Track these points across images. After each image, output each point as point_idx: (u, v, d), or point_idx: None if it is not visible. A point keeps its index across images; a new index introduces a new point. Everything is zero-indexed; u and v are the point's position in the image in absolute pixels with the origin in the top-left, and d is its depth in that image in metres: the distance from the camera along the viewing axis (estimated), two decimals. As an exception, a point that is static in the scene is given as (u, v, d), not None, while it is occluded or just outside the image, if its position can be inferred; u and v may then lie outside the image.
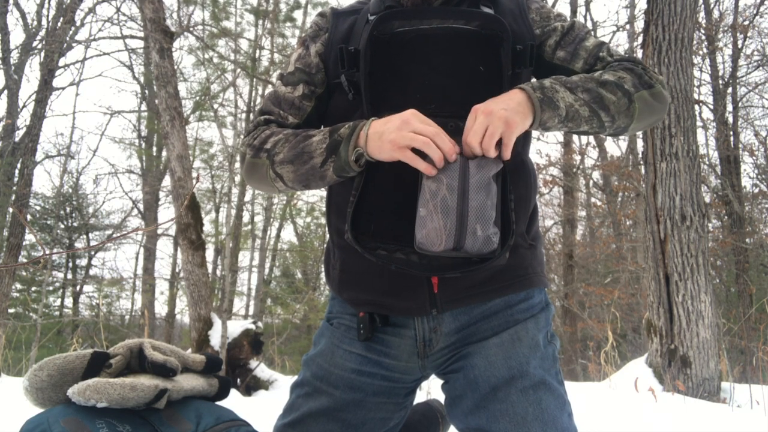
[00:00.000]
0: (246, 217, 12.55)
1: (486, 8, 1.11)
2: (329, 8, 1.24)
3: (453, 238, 0.94)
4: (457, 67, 1.06)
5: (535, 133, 1.29)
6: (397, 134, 0.96)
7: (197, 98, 10.87)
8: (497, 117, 0.96)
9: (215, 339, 4.58)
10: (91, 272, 16.03)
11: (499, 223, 0.99)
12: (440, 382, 1.17)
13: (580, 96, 1.04)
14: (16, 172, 10.31)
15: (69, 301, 15.62)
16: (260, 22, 11.09)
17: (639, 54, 10.53)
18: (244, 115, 11.04)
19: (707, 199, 10.99)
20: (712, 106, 11.48)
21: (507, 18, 1.10)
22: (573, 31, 1.17)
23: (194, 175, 5.61)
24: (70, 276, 15.58)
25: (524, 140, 1.17)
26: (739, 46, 11.26)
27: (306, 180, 1.08)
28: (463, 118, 1.01)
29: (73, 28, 11.24)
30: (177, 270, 13.80)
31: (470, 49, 1.05)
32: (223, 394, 1.16)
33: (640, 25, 10.53)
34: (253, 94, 11.49)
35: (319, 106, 1.19)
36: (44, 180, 33.08)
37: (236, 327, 4.73)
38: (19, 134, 10.50)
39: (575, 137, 12.70)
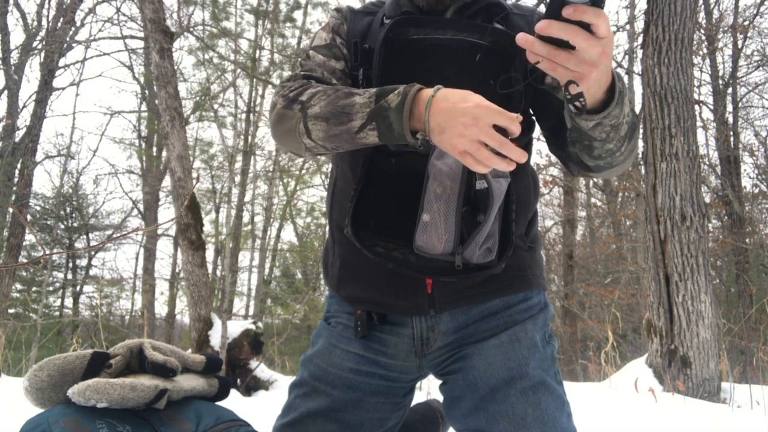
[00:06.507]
0: (246, 218, 12.55)
1: (498, 25, 1.11)
2: (346, 6, 1.24)
3: (453, 243, 0.95)
4: (467, 78, 1.04)
5: (535, 134, 1.28)
6: (459, 141, 0.84)
7: (197, 98, 10.87)
8: (604, 72, 0.81)
9: (215, 339, 4.58)
10: (91, 272, 16.03)
11: (497, 235, 1.00)
12: (439, 382, 1.17)
13: (629, 112, 0.94)
14: (16, 172, 10.30)
15: (69, 302, 15.62)
16: (260, 22, 11.08)
17: (639, 54, 10.51)
18: (244, 116, 11.04)
19: (707, 200, 10.99)
20: (712, 107, 11.48)
21: None
22: None
23: (194, 175, 5.61)
24: (70, 276, 15.58)
25: (525, 148, 1.17)
26: (739, 46, 11.27)
27: (337, 141, 0.99)
28: None
29: (73, 29, 11.23)
30: (177, 270, 13.79)
31: (482, 63, 1.05)
32: (223, 394, 1.16)
33: (640, 25, 10.52)
34: (253, 94, 11.48)
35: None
36: (44, 180, 33.11)
37: (236, 327, 4.73)
38: (19, 134, 10.50)
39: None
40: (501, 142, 0.82)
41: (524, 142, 1.15)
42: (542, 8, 1.17)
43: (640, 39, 5.25)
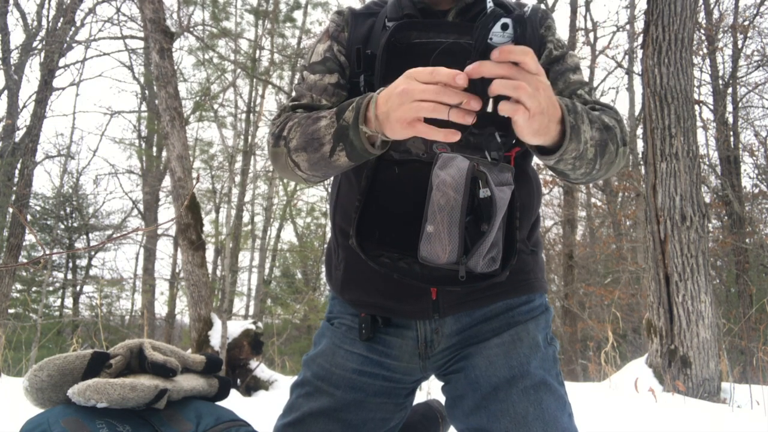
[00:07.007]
0: (246, 218, 12.56)
1: None
2: (347, 8, 1.23)
3: (456, 254, 0.95)
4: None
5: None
6: (402, 111, 0.82)
7: (197, 98, 10.88)
8: (548, 104, 0.81)
9: (215, 339, 4.58)
10: (91, 272, 16.03)
11: (501, 243, 1.01)
12: (440, 383, 1.17)
13: (594, 134, 0.95)
14: (16, 172, 10.30)
15: (69, 302, 15.63)
16: (260, 22, 11.09)
17: (639, 54, 10.51)
18: (244, 116, 11.05)
19: (707, 200, 10.99)
20: (712, 107, 11.49)
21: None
22: (563, 61, 1.13)
23: (194, 175, 5.61)
24: (70, 276, 15.58)
25: (526, 153, 1.17)
26: (739, 46, 11.27)
27: (321, 169, 1.01)
28: (472, 133, 1.02)
29: (73, 29, 11.23)
30: (177, 270, 13.79)
31: None
32: (223, 394, 1.16)
33: (640, 25, 10.53)
34: (253, 94, 11.49)
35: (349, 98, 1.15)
36: (44, 180, 33.18)
37: (236, 327, 4.73)
38: (19, 134, 10.50)
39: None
40: (435, 91, 0.78)
41: (525, 147, 1.15)
42: (543, 7, 1.14)
43: (640, 39, 5.25)
